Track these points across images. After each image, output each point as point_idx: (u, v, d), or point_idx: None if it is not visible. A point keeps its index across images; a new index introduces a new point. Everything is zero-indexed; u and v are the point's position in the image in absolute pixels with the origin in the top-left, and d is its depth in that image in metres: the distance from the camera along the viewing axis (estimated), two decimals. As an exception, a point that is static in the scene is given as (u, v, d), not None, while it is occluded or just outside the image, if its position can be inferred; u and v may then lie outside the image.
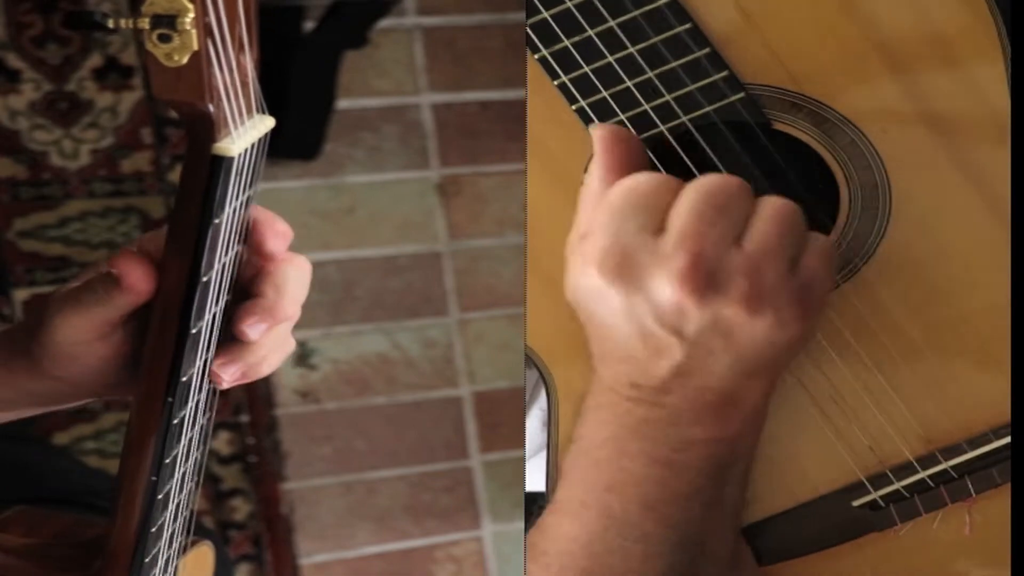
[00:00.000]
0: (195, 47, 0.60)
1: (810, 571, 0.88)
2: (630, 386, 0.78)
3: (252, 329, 0.75)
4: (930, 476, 0.85)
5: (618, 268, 0.73)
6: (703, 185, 0.74)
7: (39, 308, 0.75)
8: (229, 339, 0.77)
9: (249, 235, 0.74)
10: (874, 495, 0.86)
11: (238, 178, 0.68)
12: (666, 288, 0.73)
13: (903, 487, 0.85)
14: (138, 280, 0.70)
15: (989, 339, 0.83)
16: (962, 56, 0.79)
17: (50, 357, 0.75)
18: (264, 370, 0.79)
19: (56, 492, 1.16)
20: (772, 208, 0.74)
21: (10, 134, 1.76)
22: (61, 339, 0.74)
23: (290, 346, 0.81)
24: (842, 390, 0.84)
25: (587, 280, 0.75)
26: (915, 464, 0.85)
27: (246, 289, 0.76)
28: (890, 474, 0.85)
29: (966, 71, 0.80)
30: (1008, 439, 0.83)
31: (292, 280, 0.76)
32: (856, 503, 0.86)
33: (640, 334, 0.75)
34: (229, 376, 0.77)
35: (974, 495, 0.85)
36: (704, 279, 0.72)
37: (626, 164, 0.77)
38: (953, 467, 0.85)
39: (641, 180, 0.75)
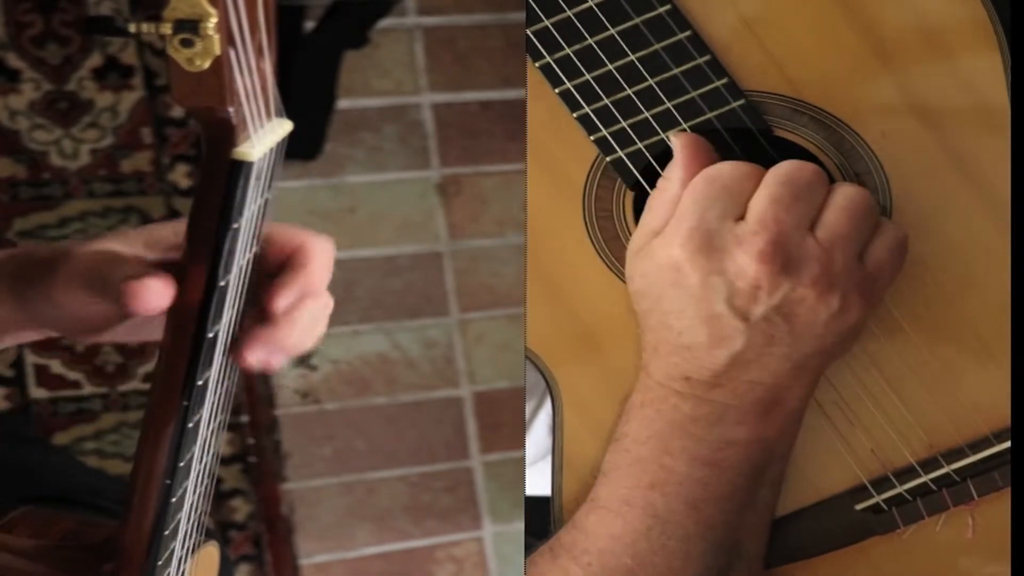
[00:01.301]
0: (217, 52, 0.60)
1: (813, 574, 0.88)
2: (682, 380, 0.80)
3: (253, 354, 0.75)
4: (932, 479, 0.85)
5: (701, 248, 0.76)
6: (780, 173, 0.77)
7: (57, 257, 0.74)
8: (255, 322, 0.75)
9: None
10: (877, 498, 0.86)
11: (257, 182, 0.68)
12: (746, 268, 0.76)
13: (905, 490, 0.85)
14: (152, 300, 0.70)
15: (990, 341, 0.83)
16: (962, 63, 0.79)
17: (44, 302, 0.75)
18: (291, 350, 0.78)
19: (57, 491, 1.16)
20: (845, 197, 0.77)
21: (10, 134, 1.76)
22: (65, 299, 0.74)
23: (320, 327, 0.79)
24: (844, 393, 0.84)
25: (666, 258, 0.77)
26: (917, 467, 0.85)
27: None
28: (892, 477, 0.85)
29: (966, 77, 0.80)
30: (1010, 442, 0.84)
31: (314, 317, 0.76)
32: (859, 506, 0.86)
33: (707, 317, 0.77)
34: (255, 360, 0.75)
35: (976, 498, 0.85)
36: (782, 259, 0.75)
37: (704, 163, 0.79)
38: (955, 470, 0.85)
39: (724, 169, 0.78)
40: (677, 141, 0.80)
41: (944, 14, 0.79)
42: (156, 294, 0.69)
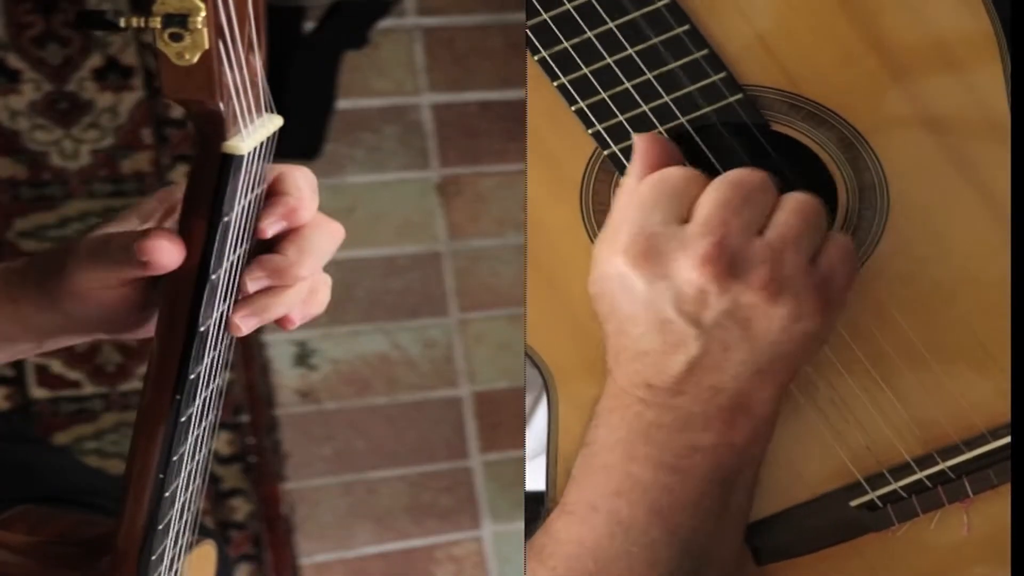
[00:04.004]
0: (206, 46, 0.61)
1: (807, 571, 0.88)
2: (643, 387, 0.79)
3: (254, 283, 0.75)
4: (927, 477, 0.85)
5: (643, 254, 0.75)
6: (729, 177, 0.76)
7: (65, 249, 0.75)
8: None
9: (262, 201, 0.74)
10: (871, 495, 0.86)
11: (247, 176, 0.69)
12: (689, 272, 0.74)
13: (900, 487, 0.85)
14: (164, 257, 0.69)
15: (987, 339, 0.83)
16: (960, 57, 0.80)
17: (66, 295, 0.74)
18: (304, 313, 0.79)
19: (57, 491, 1.16)
20: (795, 201, 0.76)
21: (10, 134, 1.76)
22: (80, 284, 0.74)
23: (327, 280, 0.80)
24: (840, 390, 0.84)
25: (612, 267, 0.77)
26: (912, 465, 0.85)
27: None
28: (888, 474, 0.85)
29: (964, 72, 0.80)
30: (1006, 440, 0.84)
31: (316, 244, 0.75)
32: (853, 503, 0.86)
33: (659, 323, 0.76)
34: (247, 328, 0.76)
35: (971, 496, 0.85)
36: (726, 264, 0.74)
37: (662, 166, 0.78)
38: (950, 468, 0.85)
39: (669, 173, 0.77)
40: (638, 142, 0.79)
41: (945, 14, 0.79)
42: (167, 247, 0.69)
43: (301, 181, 0.75)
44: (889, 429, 0.85)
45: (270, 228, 0.74)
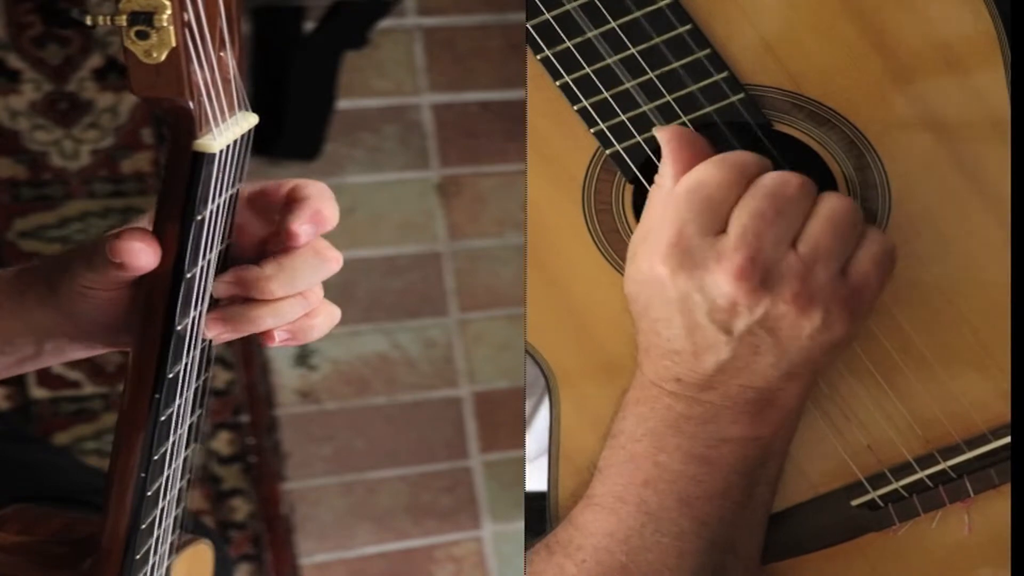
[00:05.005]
0: (173, 44, 0.60)
1: (808, 570, 0.88)
2: (673, 381, 0.80)
3: (222, 289, 0.75)
4: (928, 476, 0.85)
5: (680, 264, 0.76)
6: (766, 185, 0.76)
7: (76, 248, 0.75)
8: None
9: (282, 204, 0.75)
10: (872, 495, 0.86)
11: (220, 174, 0.68)
12: (723, 285, 0.75)
13: (902, 487, 0.85)
14: (139, 259, 0.70)
15: (987, 339, 0.83)
16: (962, 58, 0.79)
17: (68, 293, 0.75)
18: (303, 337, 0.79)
19: (56, 490, 1.16)
20: (829, 209, 0.77)
21: (10, 134, 1.76)
22: (80, 283, 0.74)
23: (333, 315, 0.80)
24: (841, 390, 0.85)
25: (649, 271, 0.78)
26: (914, 464, 0.85)
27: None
28: (889, 474, 0.85)
29: (966, 73, 0.80)
30: (1007, 439, 0.84)
31: (298, 265, 0.76)
32: (855, 503, 0.86)
33: (691, 328, 0.77)
34: (215, 334, 0.76)
35: (972, 495, 0.85)
36: (759, 277, 0.75)
37: (695, 161, 0.78)
38: (951, 467, 0.85)
39: (705, 180, 0.77)
40: (663, 135, 0.79)
41: (947, 14, 0.79)
42: (136, 247, 0.69)
43: (321, 188, 0.77)
44: (890, 428, 0.85)
45: (303, 232, 0.75)
